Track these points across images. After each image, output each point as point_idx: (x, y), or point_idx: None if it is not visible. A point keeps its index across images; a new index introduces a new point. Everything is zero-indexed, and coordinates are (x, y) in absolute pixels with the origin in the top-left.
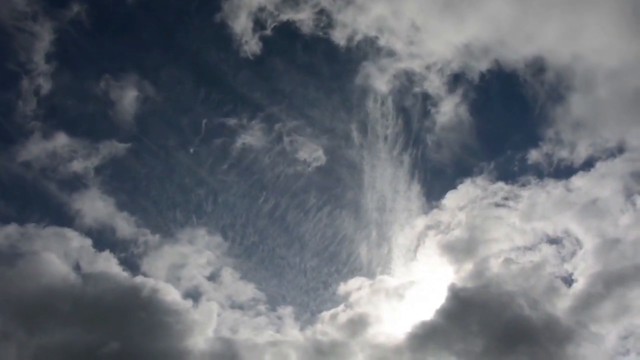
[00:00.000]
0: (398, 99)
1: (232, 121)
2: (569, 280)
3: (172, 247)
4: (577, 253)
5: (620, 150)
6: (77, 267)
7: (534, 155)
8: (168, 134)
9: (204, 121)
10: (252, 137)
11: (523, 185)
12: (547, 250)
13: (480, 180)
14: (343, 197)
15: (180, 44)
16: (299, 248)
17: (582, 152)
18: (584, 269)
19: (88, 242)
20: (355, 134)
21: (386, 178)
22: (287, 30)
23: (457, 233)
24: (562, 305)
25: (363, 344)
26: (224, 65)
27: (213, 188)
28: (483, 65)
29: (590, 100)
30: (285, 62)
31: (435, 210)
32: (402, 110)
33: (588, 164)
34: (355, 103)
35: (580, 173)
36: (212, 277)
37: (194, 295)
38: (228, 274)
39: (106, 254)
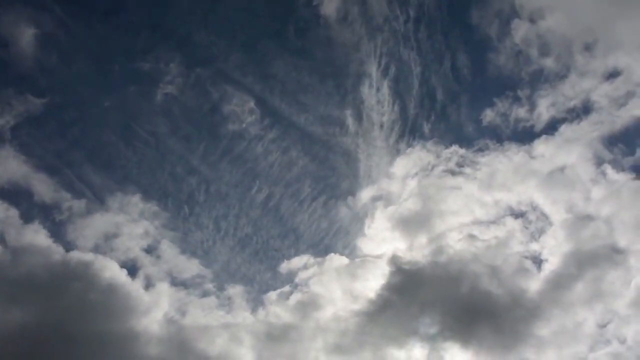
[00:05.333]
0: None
1: (148, 66)
2: (537, 260)
3: (102, 216)
4: (544, 229)
5: (585, 110)
6: (1, 240)
7: (488, 115)
8: (83, 84)
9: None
10: (172, 85)
11: (480, 150)
12: (512, 224)
13: (431, 145)
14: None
15: None
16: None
17: (544, 112)
18: (553, 247)
19: (14, 212)
20: (350, 121)
21: (382, 167)
22: None
23: (409, 205)
24: (530, 287)
25: (316, 324)
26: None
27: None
28: None
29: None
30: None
31: (384, 180)
32: (398, 97)
33: (551, 127)
34: (349, 89)
35: (544, 137)
36: (150, 250)
37: (130, 270)
38: (167, 247)
39: (35, 225)
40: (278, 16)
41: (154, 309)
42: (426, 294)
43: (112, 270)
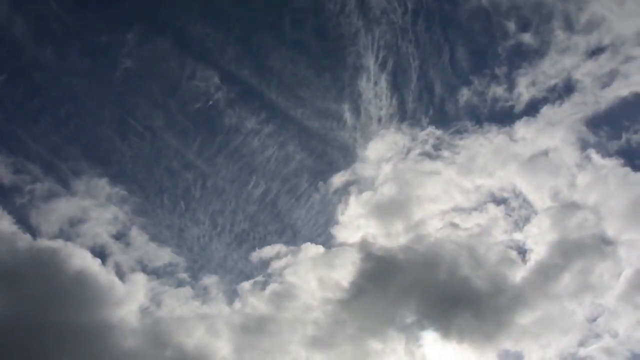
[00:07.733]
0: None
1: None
2: (522, 250)
3: (68, 200)
4: (528, 217)
5: (568, 90)
6: None
7: (465, 95)
8: (38, 56)
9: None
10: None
11: (458, 132)
12: (494, 212)
13: (406, 127)
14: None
15: None
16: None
17: (524, 92)
18: (537, 236)
19: None
20: (347, 115)
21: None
22: None
23: (385, 190)
24: (515, 278)
25: (293, 315)
26: None
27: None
28: None
29: None
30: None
31: (356, 164)
32: (397, 90)
33: (532, 108)
34: (347, 82)
35: (525, 119)
36: (119, 237)
37: (100, 257)
38: (137, 234)
39: None
40: (274, 8)
41: (127, 298)
42: (407, 283)
43: (82, 258)
